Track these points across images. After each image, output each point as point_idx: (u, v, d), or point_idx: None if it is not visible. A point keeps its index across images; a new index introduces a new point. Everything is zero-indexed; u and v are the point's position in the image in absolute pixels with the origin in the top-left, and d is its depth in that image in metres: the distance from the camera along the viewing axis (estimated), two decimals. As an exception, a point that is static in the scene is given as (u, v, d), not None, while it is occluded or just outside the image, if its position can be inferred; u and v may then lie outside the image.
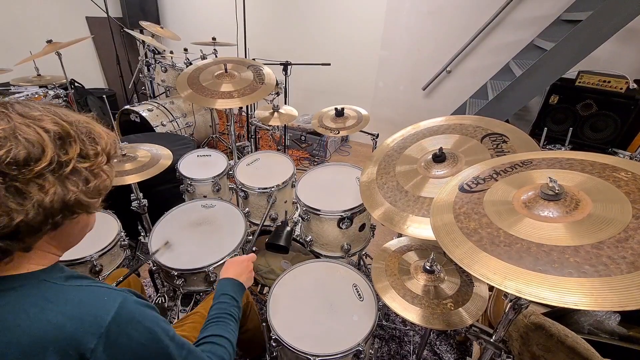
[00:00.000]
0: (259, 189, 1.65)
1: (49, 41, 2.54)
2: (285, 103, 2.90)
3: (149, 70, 3.51)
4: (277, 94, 2.95)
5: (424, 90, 3.37)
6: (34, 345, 0.47)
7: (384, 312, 1.77)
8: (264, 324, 1.06)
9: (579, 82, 2.27)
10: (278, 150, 3.32)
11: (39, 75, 2.81)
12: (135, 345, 0.54)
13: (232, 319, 0.83)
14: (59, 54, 2.59)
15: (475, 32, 2.90)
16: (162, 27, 3.51)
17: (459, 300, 1.03)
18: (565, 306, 0.51)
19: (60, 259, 0.60)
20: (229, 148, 3.56)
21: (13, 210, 0.47)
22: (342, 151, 3.84)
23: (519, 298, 0.80)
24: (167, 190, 2.05)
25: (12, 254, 0.51)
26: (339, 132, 1.78)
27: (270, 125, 2.25)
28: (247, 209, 1.72)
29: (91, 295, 0.54)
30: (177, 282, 1.27)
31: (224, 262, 1.29)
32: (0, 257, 0.50)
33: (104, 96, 3.22)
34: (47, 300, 0.51)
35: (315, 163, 3.52)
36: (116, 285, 1.04)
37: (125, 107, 3.02)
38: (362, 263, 1.94)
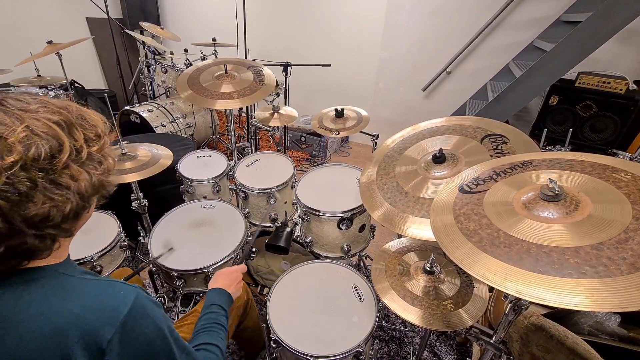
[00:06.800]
0: (258, 189, 1.65)
1: (49, 42, 2.54)
2: (285, 104, 2.90)
3: (149, 71, 3.51)
4: (277, 94, 2.95)
5: (424, 91, 3.38)
6: (56, 333, 0.49)
7: (384, 313, 1.77)
8: (264, 325, 1.06)
9: (579, 83, 2.28)
10: (278, 151, 3.32)
11: (39, 75, 2.81)
12: (145, 340, 0.57)
13: (222, 328, 0.86)
14: (59, 55, 2.59)
15: (475, 33, 2.90)
16: (162, 28, 3.51)
17: (459, 301, 1.03)
18: (566, 307, 0.51)
19: None
20: (229, 149, 3.56)
21: (60, 202, 0.49)
22: (342, 152, 3.84)
23: (519, 299, 0.80)
24: (167, 191, 2.05)
25: (58, 240, 0.54)
26: (338, 133, 1.78)
27: (270, 126, 2.25)
28: (247, 209, 1.72)
29: (108, 288, 0.57)
30: (177, 283, 1.27)
31: (224, 263, 1.29)
32: (50, 244, 0.52)
33: (106, 96, 3.21)
34: (67, 291, 0.54)
35: (315, 164, 3.52)
36: None
37: (126, 107, 3.02)
38: (362, 264, 1.94)
